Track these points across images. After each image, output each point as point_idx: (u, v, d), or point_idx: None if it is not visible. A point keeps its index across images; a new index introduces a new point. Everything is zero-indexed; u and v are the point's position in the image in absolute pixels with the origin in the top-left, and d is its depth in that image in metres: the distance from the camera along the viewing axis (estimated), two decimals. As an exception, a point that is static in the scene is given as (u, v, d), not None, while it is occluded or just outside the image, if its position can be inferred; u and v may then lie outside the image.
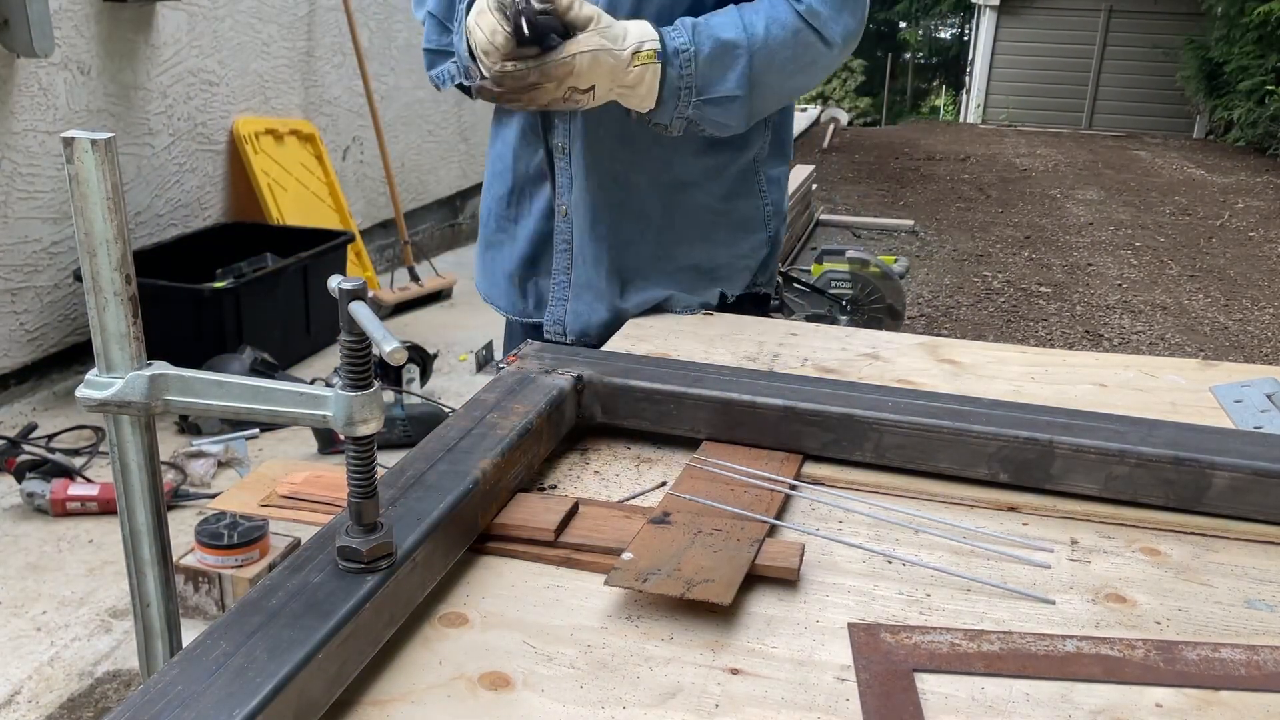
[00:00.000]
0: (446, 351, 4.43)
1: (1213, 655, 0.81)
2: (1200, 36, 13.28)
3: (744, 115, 1.44)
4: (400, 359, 0.67)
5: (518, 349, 1.26)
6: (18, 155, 3.59)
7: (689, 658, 0.79)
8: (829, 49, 1.43)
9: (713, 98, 1.38)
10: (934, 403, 1.10)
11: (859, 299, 4.88)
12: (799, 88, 1.50)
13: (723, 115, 1.42)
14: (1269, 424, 1.21)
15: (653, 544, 0.90)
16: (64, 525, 2.93)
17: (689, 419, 1.13)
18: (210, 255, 4.26)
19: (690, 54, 1.35)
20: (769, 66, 1.40)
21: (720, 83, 1.38)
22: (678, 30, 1.36)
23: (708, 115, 1.40)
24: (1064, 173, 10.68)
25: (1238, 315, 5.96)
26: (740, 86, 1.39)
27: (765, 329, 1.52)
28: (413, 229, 5.88)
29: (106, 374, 0.75)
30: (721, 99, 1.39)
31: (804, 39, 1.41)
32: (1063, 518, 1.01)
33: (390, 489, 0.88)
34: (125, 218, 0.73)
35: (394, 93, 5.71)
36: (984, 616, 0.86)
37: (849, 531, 0.98)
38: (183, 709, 0.63)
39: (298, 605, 0.72)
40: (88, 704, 2.24)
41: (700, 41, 1.36)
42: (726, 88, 1.39)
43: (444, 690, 0.75)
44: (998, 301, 6.11)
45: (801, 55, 1.42)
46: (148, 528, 0.79)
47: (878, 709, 0.73)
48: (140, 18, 4.02)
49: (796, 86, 1.49)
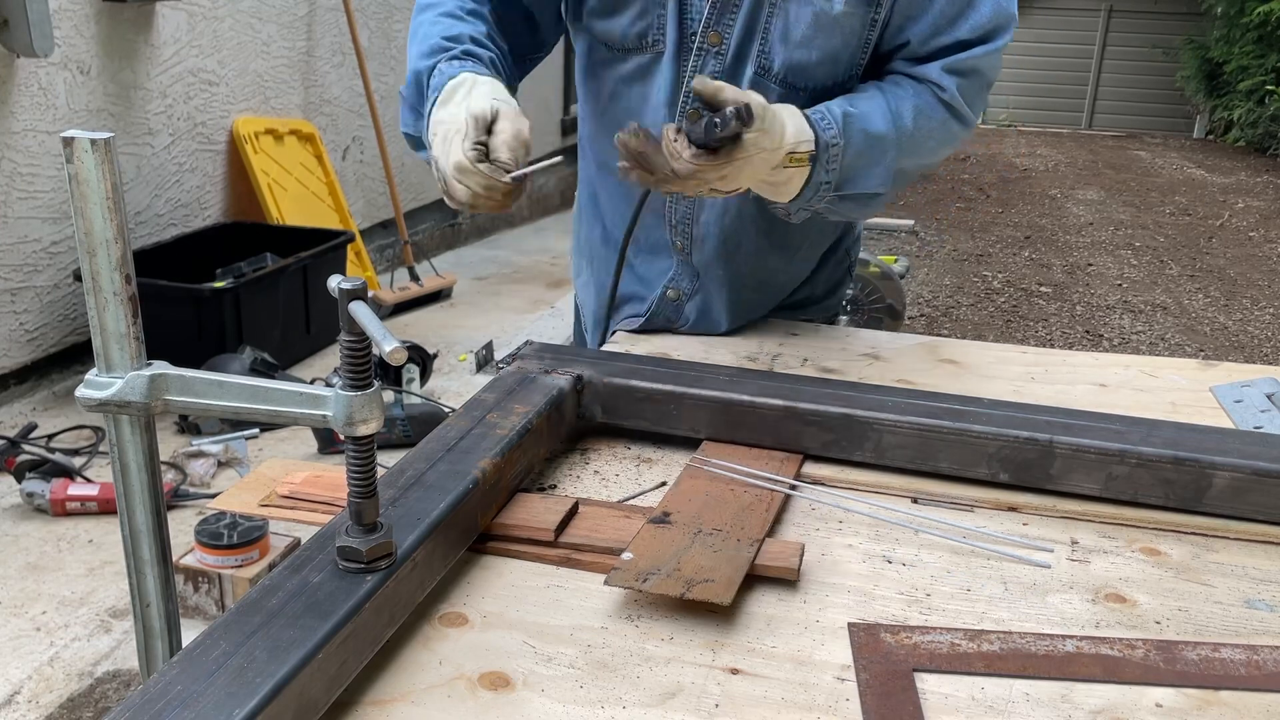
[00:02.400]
0: (446, 351, 4.43)
1: (1213, 655, 0.80)
2: (1200, 36, 13.28)
3: (878, 209, 1.38)
4: (400, 359, 0.67)
5: (519, 349, 1.26)
6: (18, 155, 3.59)
7: (689, 658, 0.79)
8: (966, 130, 1.36)
9: (851, 194, 1.30)
10: (934, 403, 1.10)
11: (859, 299, 4.87)
12: (931, 169, 1.43)
13: (855, 210, 1.35)
14: (1269, 424, 1.20)
15: (653, 544, 0.90)
16: (64, 525, 2.93)
17: (689, 419, 1.13)
18: (210, 255, 4.26)
19: (839, 149, 1.25)
20: (912, 157, 1.33)
21: (864, 179, 1.30)
22: (828, 121, 1.26)
23: (839, 209, 1.33)
24: (1064, 173, 10.67)
25: (1238, 315, 5.95)
26: (883, 184, 1.31)
27: (765, 329, 1.52)
28: (413, 229, 5.88)
29: (106, 374, 0.75)
30: (860, 195, 1.31)
31: (949, 127, 1.34)
32: (1063, 518, 1.01)
33: (390, 489, 0.88)
34: (125, 218, 0.73)
35: (394, 93, 5.71)
36: (984, 616, 0.86)
37: (849, 531, 0.98)
38: (183, 709, 0.63)
39: (298, 605, 0.72)
40: (88, 704, 2.24)
41: (851, 136, 1.26)
42: (869, 185, 1.30)
43: (444, 690, 0.75)
44: (998, 301, 6.11)
45: (943, 143, 1.36)
46: (148, 528, 0.79)
47: (878, 709, 0.73)
48: (140, 18, 4.02)
49: (930, 167, 1.42)
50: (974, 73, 1.32)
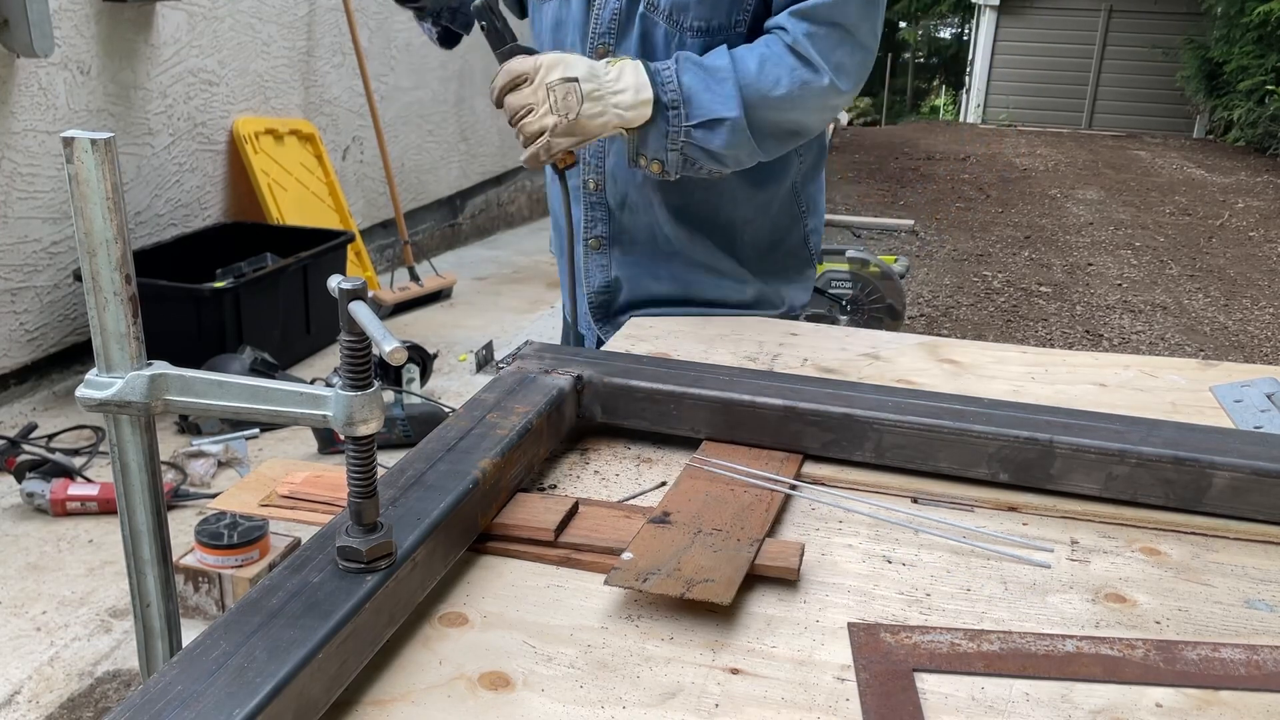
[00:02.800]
0: (446, 351, 4.43)
1: (1213, 655, 0.80)
2: (1200, 36, 13.28)
3: (741, 152, 1.41)
4: (400, 359, 0.67)
5: (519, 349, 1.28)
6: (18, 155, 3.59)
7: (689, 658, 0.79)
8: (818, 78, 1.39)
9: (700, 122, 1.37)
10: (934, 403, 1.10)
11: (859, 299, 4.88)
12: (799, 122, 1.45)
13: (717, 148, 1.39)
14: (1269, 424, 1.20)
15: (653, 544, 0.90)
16: (64, 525, 2.93)
17: (689, 419, 1.13)
18: (210, 255, 4.26)
19: (672, 71, 1.36)
20: (768, 108, 1.38)
21: (706, 103, 1.36)
22: (664, 64, 1.38)
23: (699, 145, 1.38)
24: (1064, 172, 10.67)
25: (1238, 315, 5.95)
26: (729, 110, 1.36)
27: (765, 329, 1.52)
28: (413, 229, 5.88)
29: (106, 374, 0.75)
30: (710, 122, 1.37)
31: (798, 75, 1.38)
32: (1063, 518, 1.01)
33: (390, 489, 0.88)
34: (125, 218, 0.73)
35: (394, 93, 5.71)
36: (984, 616, 0.86)
37: (849, 531, 0.98)
38: (183, 709, 0.63)
39: (298, 605, 0.72)
40: (88, 704, 2.24)
41: (683, 65, 1.37)
42: (714, 109, 1.36)
43: (444, 690, 0.75)
44: (998, 301, 6.11)
45: (799, 93, 1.39)
46: (148, 528, 0.79)
47: (878, 709, 0.73)
48: (140, 18, 4.02)
49: (796, 120, 1.44)
50: (829, 23, 1.37)
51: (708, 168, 1.42)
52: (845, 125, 14.31)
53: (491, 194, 6.98)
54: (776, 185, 1.57)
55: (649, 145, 1.38)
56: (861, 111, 18.46)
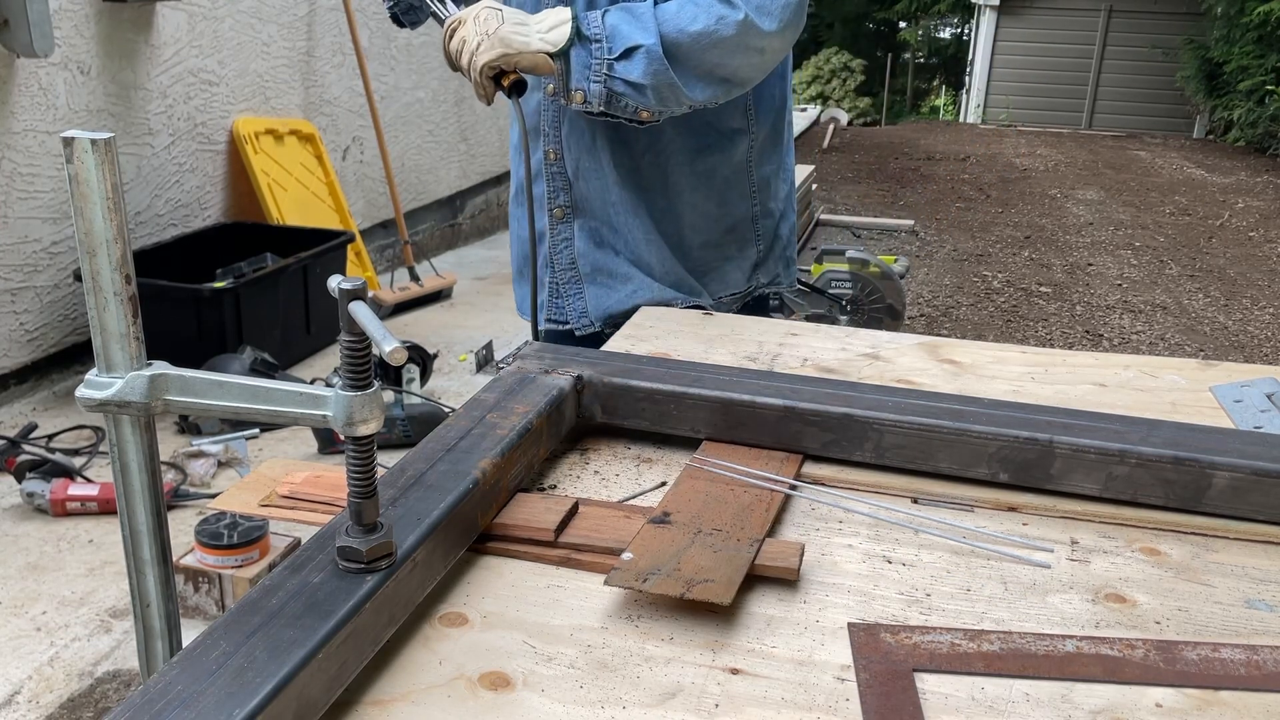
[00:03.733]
0: (446, 351, 4.43)
1: (1213, 655, 0.80)
2: (1200, 36, 13.27)
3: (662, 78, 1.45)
4: (400, 359, 0.67)
5: (519, 349, 1.29)
6: (18, 155, 3.59)
7: (689, 658, 0.79)
8: (733, 9, 1.44)
9: (624, 50, 1.44)
10: (934, 403, 1.10)
11: (859, 299, 4.88)
12: (721, 64, 1.48)
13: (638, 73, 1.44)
14: (1269, 424, 1.20)
15: (653, 544, 0.90)
16: (64, 525, 2.93)
17: (689, 419, 1.13)
18: (210, 255, 4.26)
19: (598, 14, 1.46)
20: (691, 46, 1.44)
21: (625, 34, 1.44)
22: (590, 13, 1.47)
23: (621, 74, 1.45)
24: (1064, 173, 10.67)
25: (1238, 315, 5.95)
26: (646, 37, 1.43)
27: (765, 329, 1.52)
28: (413, 229, 5.88)
29: (106, 374, 0.75)
30: (629, 50, 1.44)
31: (714, 10, 1.44)
32: (1063, 518, 1.01)
33: (390, 489, 0.88)
34: (125, 218, 0.73)
35: (394, 93, 5.71)
36: (984, 616, 0.86)
37: (849, 531, 0.98)
38: (183, 709, 0.63)
39: (298, 605, 0.72)
40: (88, 704, 2.24)
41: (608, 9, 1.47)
42: (632, 36, 1.44)
43: (444, 690, 0.75)
44: (998, 301, 6.11)
45: (716, 29, 1.44)
46: (148, 528, 0.79)
47: (878, 709, 0.73)
48: (140, 18, 4.02)
49: (717, 61, 1.47)
50: None
51: (634, 103, 1.47)
52: (845, 125, 14.31)
53: (491, 194, 6.98)
54: (720, 155, 1.63)
55: (573, 77, 1.46)
56: (861, 112, 18.46)
